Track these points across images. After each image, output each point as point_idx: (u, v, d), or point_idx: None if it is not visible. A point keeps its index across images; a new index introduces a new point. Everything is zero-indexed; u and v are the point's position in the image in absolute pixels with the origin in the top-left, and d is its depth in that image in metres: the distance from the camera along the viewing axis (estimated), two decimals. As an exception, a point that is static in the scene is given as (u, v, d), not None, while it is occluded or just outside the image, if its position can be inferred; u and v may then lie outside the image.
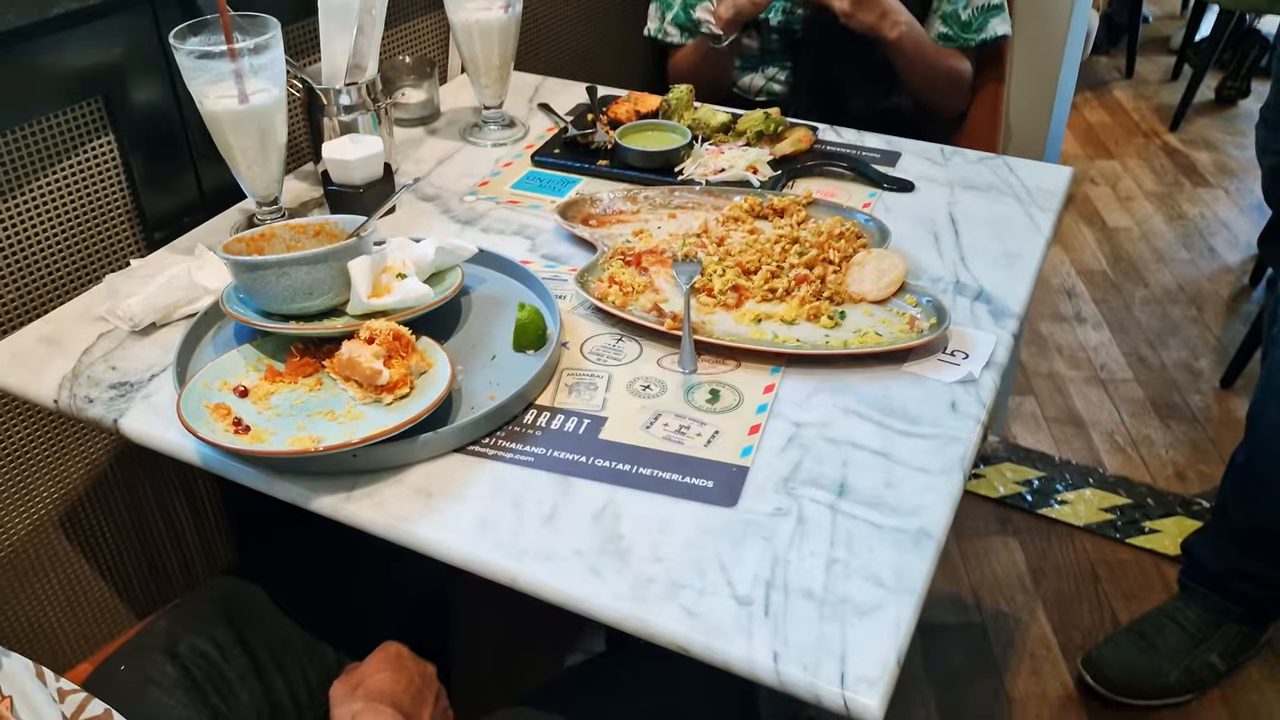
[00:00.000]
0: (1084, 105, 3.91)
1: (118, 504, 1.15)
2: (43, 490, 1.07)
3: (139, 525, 1.18)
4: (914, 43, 1.43)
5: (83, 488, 1.10)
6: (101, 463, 1.12)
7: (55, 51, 0.96)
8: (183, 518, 1.23)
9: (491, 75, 1.22)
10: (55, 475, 1.07)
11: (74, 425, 1.07)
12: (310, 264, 0.84)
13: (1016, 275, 0.99)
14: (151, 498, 1.18)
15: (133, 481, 1.15)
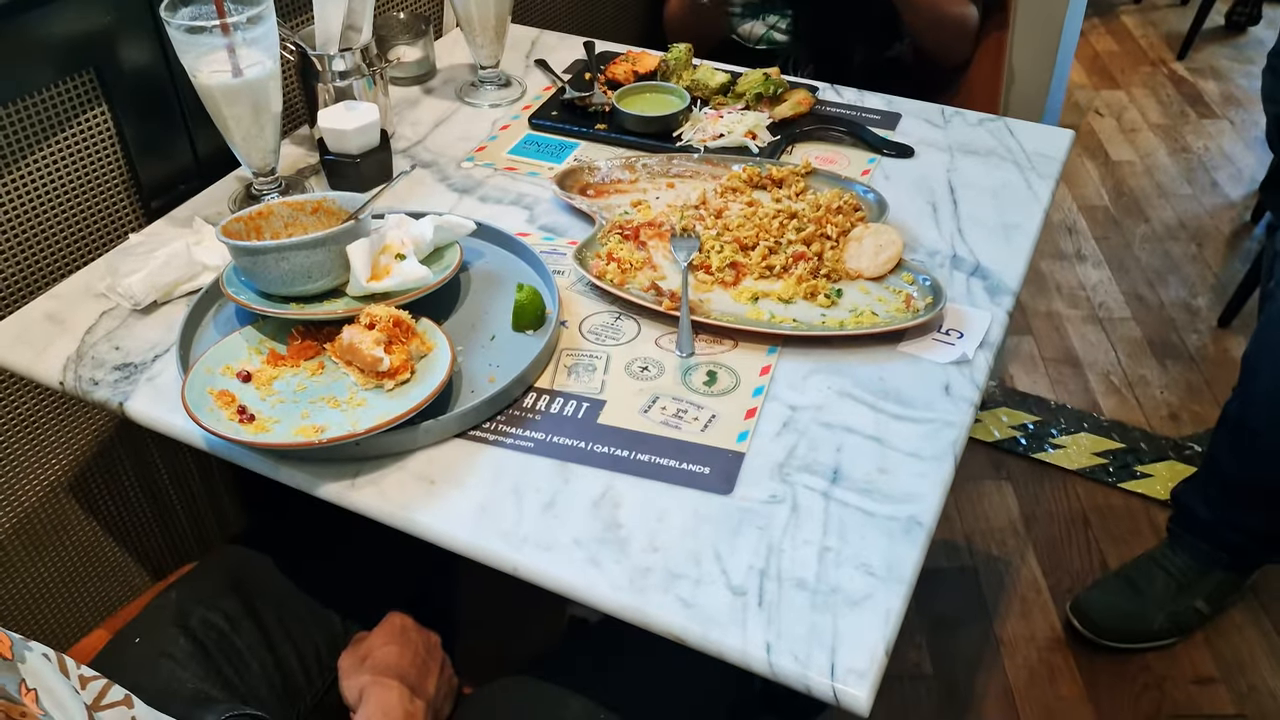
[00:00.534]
0: (1091, 32, 3.84)
1: (126, 470, 1.17)
2: (53, 459, 1.09)
3: (149, 489, 1.20)
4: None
5: (91, 455, 1.12)
6: (109, 430, 1.13)
7: (46, 24, 0.95)
8: (193, 480, 1.25)
9: (487, 35, 1.20)
10: (65, 443, 1.09)
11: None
12: (309, 248, 0.84)
13: (1014, 248, 0.99)
14: (160, 462, 1.20)
15: (140, 448, 1.17)
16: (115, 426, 1.14)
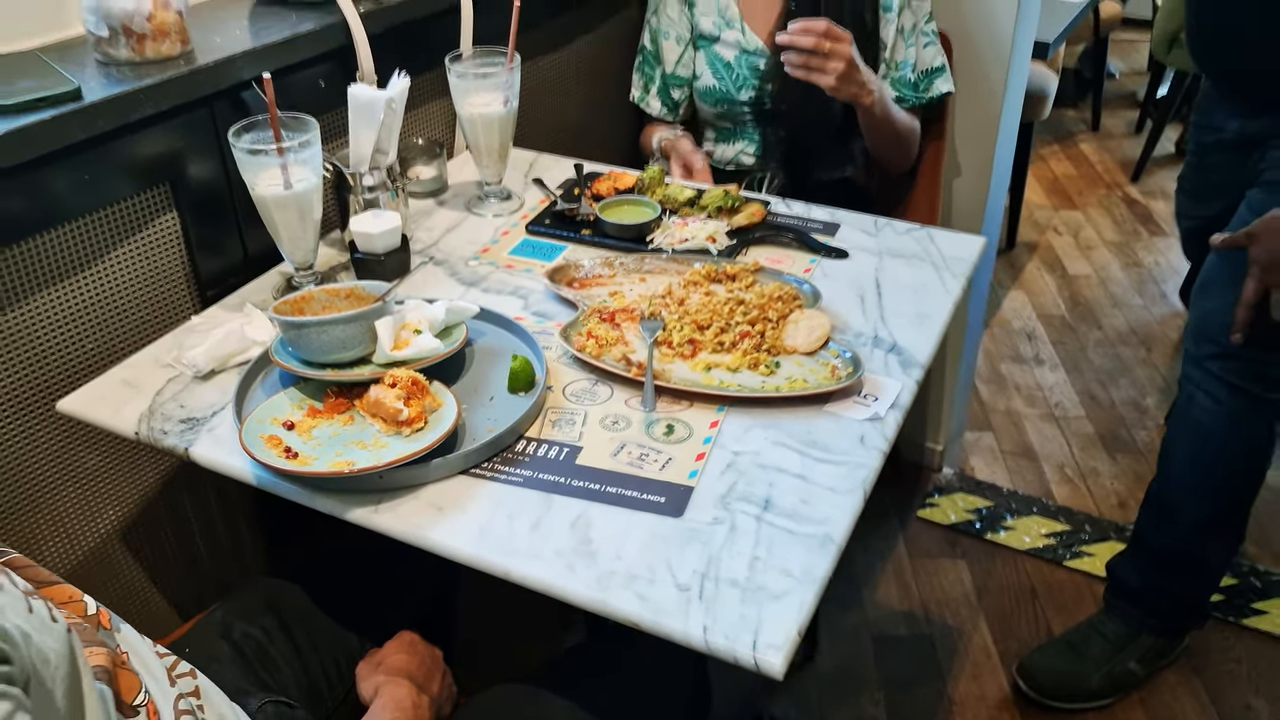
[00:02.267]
0: (1051, 157, 4.15)
1: (164, 523, 1.34)
2: (107, 510, 1.27)
3: (182, 539, 1.37)
4: (882, 105, 1.63)
5: (137, 509, 1.30)
6: (153, 487, 1.31)
7: (136, 147, 1.17)
8: (219, 532, 1.42)
9: (492, 157, 1.43)
10: (117, 497, 1.27)
11: (133, 456, 1.27)
12: (345, 323, 1.04)
13: (926, 332, 1.20)
14: (193, 516, 1.38)
15: (177, 504, 1.35)
16: (158, 485, 1.32)
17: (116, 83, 1.13)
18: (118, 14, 1.15)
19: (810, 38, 1.47)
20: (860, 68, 1.53)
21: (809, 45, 1.48)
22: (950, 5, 1.80)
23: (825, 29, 1.48)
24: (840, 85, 1.52)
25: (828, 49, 1.48)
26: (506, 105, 1.38)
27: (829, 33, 1.48)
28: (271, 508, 1.41)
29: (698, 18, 1.74)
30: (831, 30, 1.48)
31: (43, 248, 1.12)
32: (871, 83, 1.57)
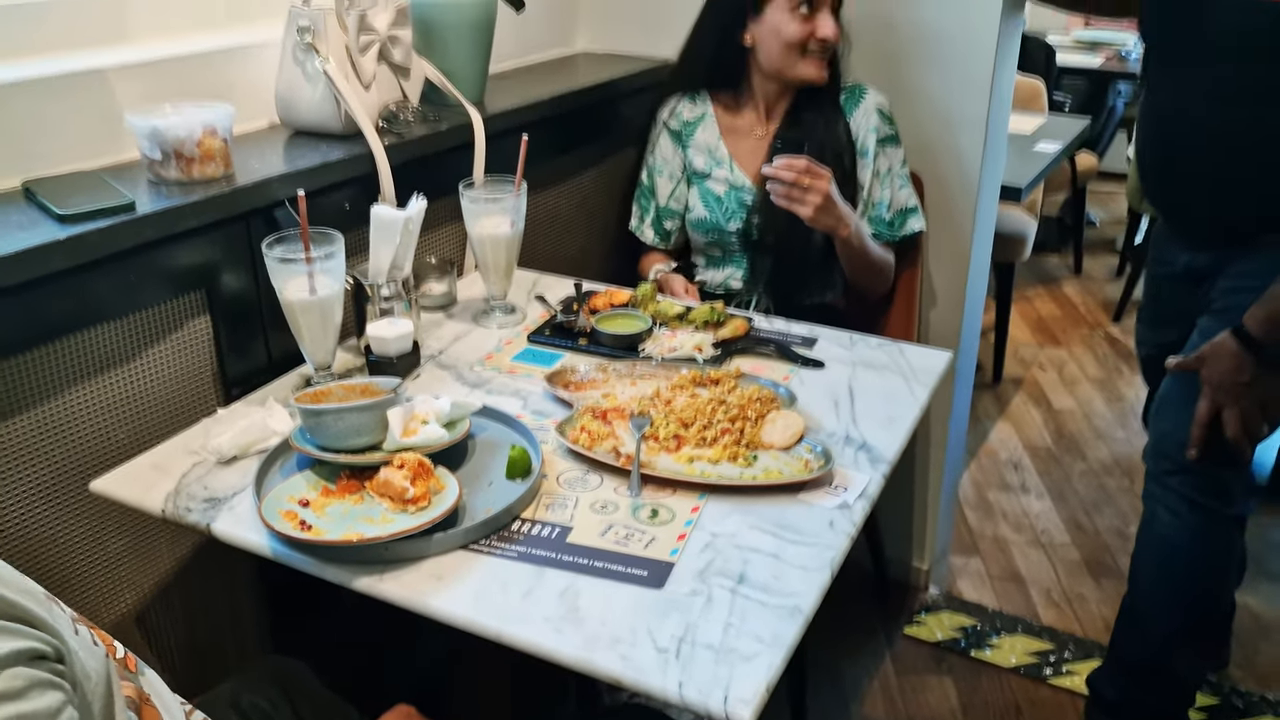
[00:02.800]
0: (1035, 298, 4.32)
1: (177, 606, 1.41)
2: (125, 593, 1.34)
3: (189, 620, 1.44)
4: (859, 238, 1.77)
5: (152, 593, 1.38)
6: (169, 574, 1.39)
7: (176, 256, 1.30)
8: (230, 615, 1.49)
9: (499, 274, 1.56)
10: (136, 581, 1.35)
11: (153, 541, 1.35)
12: (360, 411, 1.15)
13: (894, 433, 1.30)
14: (205, 601, 1.45)
15: (189, 587, 1.42)
16: (174, 569, 1.40)
17: (165, 199, 1.27)
18: (171, 140, 1.30)
19: (792, 172, 1.63)
20: (837, 202, 1.68)
21: (791, 179, 1.63)
22: (923, 149, 1.97)
23: (806, 166, 1.64)
24: (818, 216, 1.67)
25: (808, 183, 1.63)
26: (513, 227, 1.52)
27: (809, 169, 1.64)
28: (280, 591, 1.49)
29: (691, 156, 1.91)
30: (811, 167, 1.64)
31: (86, 343, 1.24)
32: (848, 216, 1.71)
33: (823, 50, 1.76)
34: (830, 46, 1.76)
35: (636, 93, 2.06)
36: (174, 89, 1.43)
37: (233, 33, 1.59)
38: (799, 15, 1.73)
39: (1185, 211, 1.75)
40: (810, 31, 1.73)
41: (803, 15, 1.73)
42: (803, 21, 1.73)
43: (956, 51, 1.89)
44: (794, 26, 1.73)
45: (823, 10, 1.73)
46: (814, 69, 1.77)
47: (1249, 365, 1.53)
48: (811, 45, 1.75)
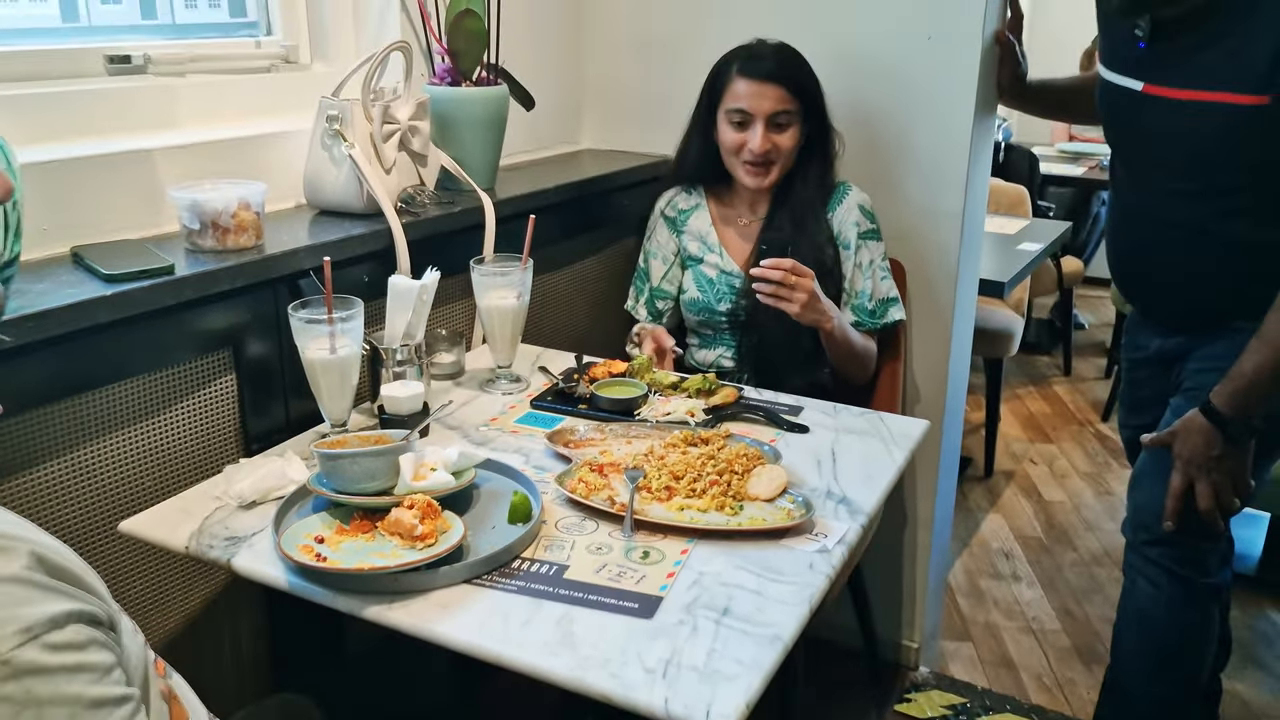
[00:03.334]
0: (1027, 397, 4.42)
1: (187, 646, 1.47)
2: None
3: (199, 660, 1.50)
4: (841, 330, 1.88)
5: (166, 634, 1.44)
6: (182, 617, 1.46)
7: (209, 317, 1.41)
8: (241, 656, 1.55)
9: (505, 344, 1.67)
10: (149, 622, 1.42)
11: (171, 586, 1.43)
12: (374, 457, 1.24)
13: (871, 489, 1.38)
14: (215, 644, 1.51)
15: (200, 629, 1.49)
16: (186, 616, 1.46)
17: (201, 264, 1.39)
18: (209, 211, 1.42)
19: (778, 273, 1.75)
20: (821, 299, 1.80)
21: (778, 278, 1.75)
22: (904, 240, 2.10)
23: (792, 265, 1.76)
24: (804, 312, 1.78)
25: (793, 282, 1.75)
26: (519, 299, 1.64)
27: (794, 269, 1.76)
28: (287, 634, 1.55)
29: (686, 242, 2.04)
30: (797, 267, 1.76)
31: (120, 394, 1.34)
32: (831, 311, 1.83)
33: (756, 160, 1.88)
34: (761, 158, 1.88)
35: (636, 185, 2.21)
36: (212, 169, 1.56)
37: (265, 121, 1.74)
38: (732, 126, 1.88)
39: (1154, 300, 1.86)
40: (742, 142, 1.88)
41: (736, 126, 1.88)
42: (735, 132, 1.88)
43: (933, 151, 2.03)
44: (729, 136, 1.89)
45: (754, 125, 1.86)
46: (748, 176, 1.91)
47: (1218, 440, 1.61)
48: (744, 155, 1.88)
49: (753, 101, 1.85)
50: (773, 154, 1.88)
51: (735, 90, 1.87)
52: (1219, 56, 1.56)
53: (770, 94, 1.85)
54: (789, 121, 1.87)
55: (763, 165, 1.89)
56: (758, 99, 1.85)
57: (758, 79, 1.85)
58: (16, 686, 0.60)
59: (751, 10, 2.11)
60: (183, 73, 1.67)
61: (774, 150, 1.87)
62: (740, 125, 1.87)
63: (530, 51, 2.14)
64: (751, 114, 1.85)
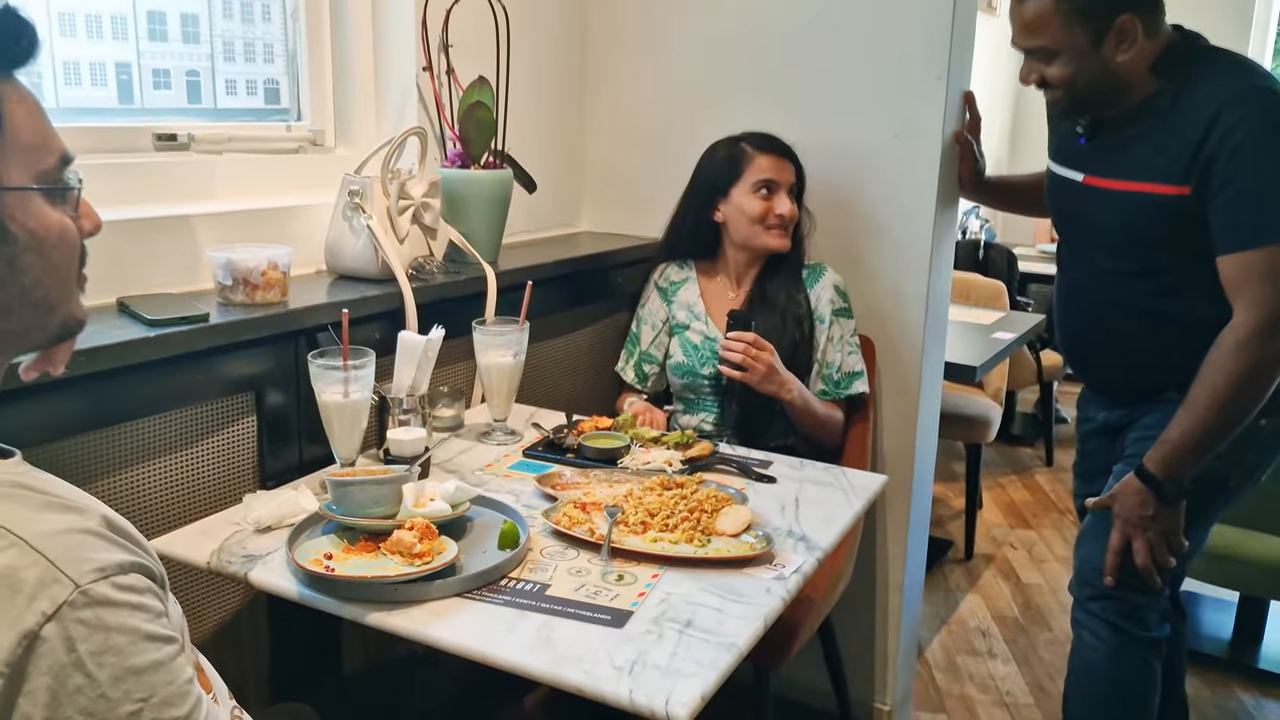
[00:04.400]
0: (1009, 485, 4.55)
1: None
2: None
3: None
4: (803, 400, 2.04)
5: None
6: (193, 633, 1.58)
7: (233, 364, 1.57)
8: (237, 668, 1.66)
9: (502, 399, 1.83)
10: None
11: (184, 603, 1.56)
12: (379, 484, 1.39)
13: (830, 530, 1.52)
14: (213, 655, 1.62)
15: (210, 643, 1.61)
16: (196, 631, 1.59)
17: (232, 314, 1.55)
18: (241, 269, 1.59)
19: (738, 348, 1.93)
20: (779, 371, 1.97)
21: (740, 349, 1.93)
22: (873, 318, 2.27)
23: (753, 339, 1.93)
24: (762, 383, 1.96)
25: (754, 355, 1.93)
26: (515, 358, 1.80)
27: (755, 343, 1.94)
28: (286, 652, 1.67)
29: (674, 310, 2.21)
30: (758, 341, 1.94)
31: (154, 427, 1.49)
32: (790, 382, 2.00)
33: (781, 224, 2.09)
34: (787, 221, 2.09)
35: (628, 265, 2.39)
36: (243, 235, 1.75)
37: (292, 195, 1.93)
38: (759, 196, 2.07)
39: (1097, 375, 2.03)
40: (769, 209, 2.07)
41: (763, 196, 2.07)
42: (763, 201, 2.07)
43: (900, 237, 2.22)
44: (756, 205, 2.08)
45: (779, 193, 2.08)
46: (776, 239, 2.10)
47: (1151, 501, 1.76)
48: (770, 220, 2.08)
49: (778, 173, 2.09)
50: (789, 219, 2.09)
51: (760, 164, 2.09)
52: (1147, 152, 1.75)
53: (787, 168, 2.11)
54: (797, 194, 2.11)
55: (784, 228, 2.11)
56: (781, 171, 2.09)
57: (778, 154, 2.10)
58: (91, 613, 0.74)
59: (736, 109, 2.32)
60: (221, 151, 1.87)
61: (793, 216, 2.10)
62: (768, 193, 2.08)
63: (534, 140, 2.35)
64: (778, 183, 2.09)
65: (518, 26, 2.13)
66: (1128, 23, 1.70)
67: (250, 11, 1.95)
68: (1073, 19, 1.71)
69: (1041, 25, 1.74)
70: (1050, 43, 1.75)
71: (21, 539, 0.74)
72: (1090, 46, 1.73)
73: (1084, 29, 1.72)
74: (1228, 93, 1.67)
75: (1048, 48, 1.76)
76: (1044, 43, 1.76)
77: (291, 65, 2.03)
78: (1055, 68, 1.77)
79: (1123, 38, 1.71)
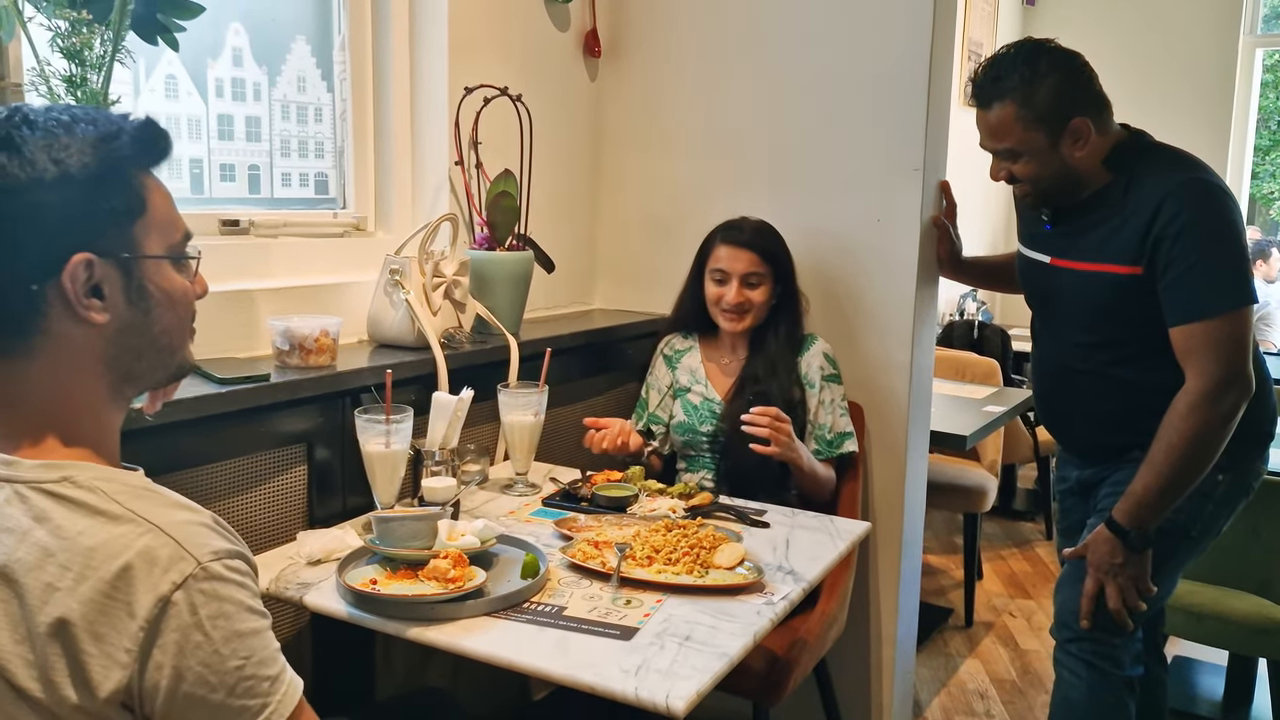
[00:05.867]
0: (1010, 557, 4.68)
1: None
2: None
3: None
4: (808, 463, 2.23)
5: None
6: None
7: (288, 419, 1.79)
8: None
9: (523, 454, 2.03)
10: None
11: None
12: (418, 520, 1.59)
13: (816, 565, 1.71)
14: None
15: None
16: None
17: (288, 376, 1.77)
18: (297, 336, 1.82)
19: (764, 421, 2.12)
20: (795, 441, 2.17)
21: (765, 423, 2.12)
22: (861, 385, 2.48)
23: (776, 413, 2.13)
24: (783, 452, 2.15)
25: (777, 427, 2.13)
26: (536, 416, 2.01)
27: (778, 416, 2.13)
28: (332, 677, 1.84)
29: (678, 375, 2.43)
30: (780, 414, 2.14)
31: (219, 472, 1.70)
32: (802, 451, 2.19)
33: (733, 309, 2.29)
34: (737, 307, 2.29)
35: (637, 338, 2.62)
36: (296, 308, 1.98)
37: (337, 274, 2.17)
38: (715, 282, 2.31)
39: (1070, 436, 2.21)
40: (720, 295, 2.30)
41: (717, 282, 2.31)
42: (717, 287, 2.31)
43: (885, 311, 2.44)
44: (711, 291, 2.32)
45: (730, 282, 2.28)
46: (727, 321, 2.32)
47: (1120, 548, 1.93)
48: (723, 304, 2.30)
49: (729, 263, 2.28)
50: (745, 305, 2.29)
51: (717, 254, 2.30)
52: (1104, 235, 1.97)
53: (743, 258, 2.28)
54: (759, 281, 2.29)
55: (736, 313, 2.30)
56: (733, 261, 2.28)
57: (735, 245, 2.29)
58: (209, 585, 0.94)
59: (737, 197, 2.57)
60: (277, 235, 2.11)
61: (746, 302, 2.29)
62: (720, 282, 2.29)
63: (553, 226, 2.60)
64: (728, 273, 2.28)
65: (539, 126, 2.39)
66: (1080, 124, 1.93)
67: (305, 114, 2.22)
68: (1030, 124, 1.94)
69: (1005, 130, 1.98)
70: (1014, 144, 1.98)
71: (157, 526, 0.94)
72: (1049, 146, 1.95)
73: (1041, 132, 1.94)
74: (1169, 184, 1.89)
75: (1012, 148, 1.99)
76: (1009, 144, 1.98)
77: (339, 160, 2.29)
78: (1020, 165, 2.00)
79: (1077, 137, 1.94)
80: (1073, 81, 1.94)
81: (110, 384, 1.04)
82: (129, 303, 1.02)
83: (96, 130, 1.00)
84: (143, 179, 1.04)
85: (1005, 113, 1.96)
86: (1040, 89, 1.92)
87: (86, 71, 1.46)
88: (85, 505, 0.95)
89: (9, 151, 0.95)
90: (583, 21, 2.70)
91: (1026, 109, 1.93)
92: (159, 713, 0.93)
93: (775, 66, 2.55)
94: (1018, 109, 1.94)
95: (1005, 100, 1.95)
